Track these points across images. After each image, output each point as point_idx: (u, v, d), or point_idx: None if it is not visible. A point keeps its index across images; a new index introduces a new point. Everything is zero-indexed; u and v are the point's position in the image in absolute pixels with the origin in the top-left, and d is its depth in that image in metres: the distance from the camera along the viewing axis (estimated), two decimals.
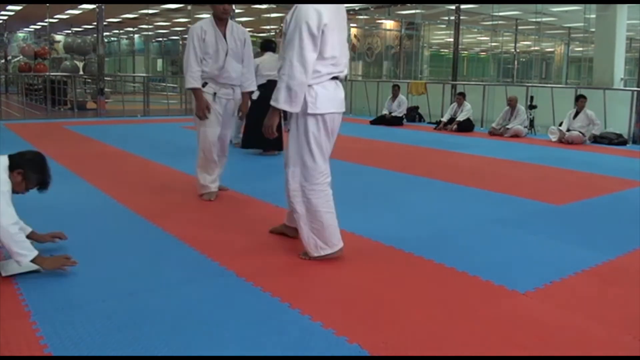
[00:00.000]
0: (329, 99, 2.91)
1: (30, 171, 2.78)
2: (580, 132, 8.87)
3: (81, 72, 15.10)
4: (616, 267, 3.09)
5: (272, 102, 2.86)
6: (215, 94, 4.26)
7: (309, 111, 2.86)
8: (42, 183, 2.85)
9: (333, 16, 2.82)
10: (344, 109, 3.06)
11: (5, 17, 20.42)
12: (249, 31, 4.31)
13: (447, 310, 2.45)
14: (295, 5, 2.81)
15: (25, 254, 2.64)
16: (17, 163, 2.76)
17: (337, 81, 2.98)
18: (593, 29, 14.98)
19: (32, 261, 2.67)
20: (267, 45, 7.21)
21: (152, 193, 4.67)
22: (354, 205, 4.31)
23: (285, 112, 2.89)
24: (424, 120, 12.29)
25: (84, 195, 4.60)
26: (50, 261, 2.73)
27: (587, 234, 3.72)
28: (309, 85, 2.84)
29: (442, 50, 21.76)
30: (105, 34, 15.16)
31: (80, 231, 3.49)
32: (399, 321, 2.32)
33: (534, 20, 18.81)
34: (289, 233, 3.40)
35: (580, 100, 9.10)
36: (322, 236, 2.99)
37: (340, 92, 3.02)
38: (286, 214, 3.41)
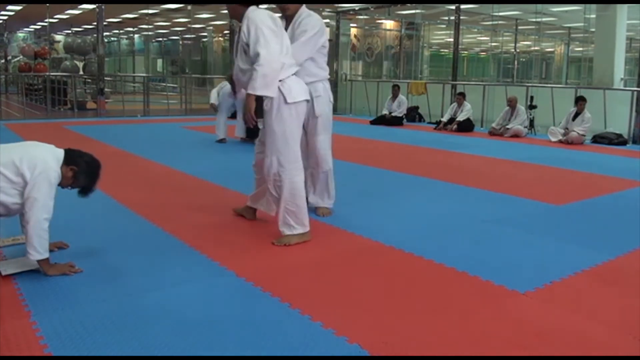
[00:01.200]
0: (299, 90, 3.30)
1: (83, 173, 2.78)
2: (579, 133, 8.87)
3: (81, 72, 15.10)
4: (616, 267, 3.09)
5: (249, 90, 3.15)
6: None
7: (289, 100, 3.23)
8: (87, 189, 2.86)
9: (275, 24, 3.26)
10: (309, 97, 3.46)
11: (5, 17, 20.41)
12: None
13: (447, 310, 2.45)
14: (247, 16, 3.22)
15: (40, 252, 2.65)
16: (74, 160, 2.77)
17: (296, 76, 3.38)
18: (593, 29, 14.97)
19: (39, 262, 2.67)
20: None
21: (152, 193, 4.67)
22: (354, 205, 4.31)
23: (261, 109, 3.23)
24: (424, 120, 12.29)
25: None
26: (55, 269, 2.73)
27: (587, 234, 3.72)
28: (281, 80, 3.21)
29: (442, 50, 21.76)
30: (105, 34, 15.15)
31: (80, 231, 3.49)
32: (399, 321, 2.32)
33: (534, 20, 18.80)
34: (246, 215, 3.83)
35: (579, 103, 9.07)
36: (296, 217, 3.30)
37: (304, 84, 3.42)
38: (249, 196, 3.81)
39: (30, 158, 2.65)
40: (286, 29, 3.80)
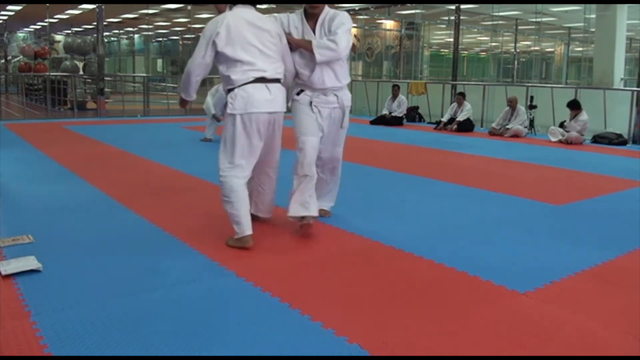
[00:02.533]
0: (249, 101, 3.12)
1: None
2: (578, 133, 8.86)
3: (81, 72, 15.10)
4: (616, 267, 3.09)
5: None
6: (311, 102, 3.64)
7: (228, 111, 3.16)
8: None
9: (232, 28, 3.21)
10: (272, 109, 3.21)
11: (5, 17, 20.42)
12: None
13: (447, 310, 2.45)
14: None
15: None
16: None
17: (265, 83, 3.18)
18: (593, 29, 14.99)
19: None
20: None
21: (152, 193, 4.67)
22: (354, 205, 4.31)
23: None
24: (424, 120, 12.29)
25: (84, 195, 4.59)
26: None
27: (587, 234, 3.72)
28: (233, 88, 3.13)
29: (442, 50, 21.77)
30: (105, 34, 15.16)
31: (80, 231, 3.49)
32: (399, 321, 2.32)
33: (534, 20, 18.82)
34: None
35: (572, 109, 9.00)
36: (230, 219, 3.26)
37: (266, 93, 3.17)
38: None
39: None
40: (312, 27, 3.66)
